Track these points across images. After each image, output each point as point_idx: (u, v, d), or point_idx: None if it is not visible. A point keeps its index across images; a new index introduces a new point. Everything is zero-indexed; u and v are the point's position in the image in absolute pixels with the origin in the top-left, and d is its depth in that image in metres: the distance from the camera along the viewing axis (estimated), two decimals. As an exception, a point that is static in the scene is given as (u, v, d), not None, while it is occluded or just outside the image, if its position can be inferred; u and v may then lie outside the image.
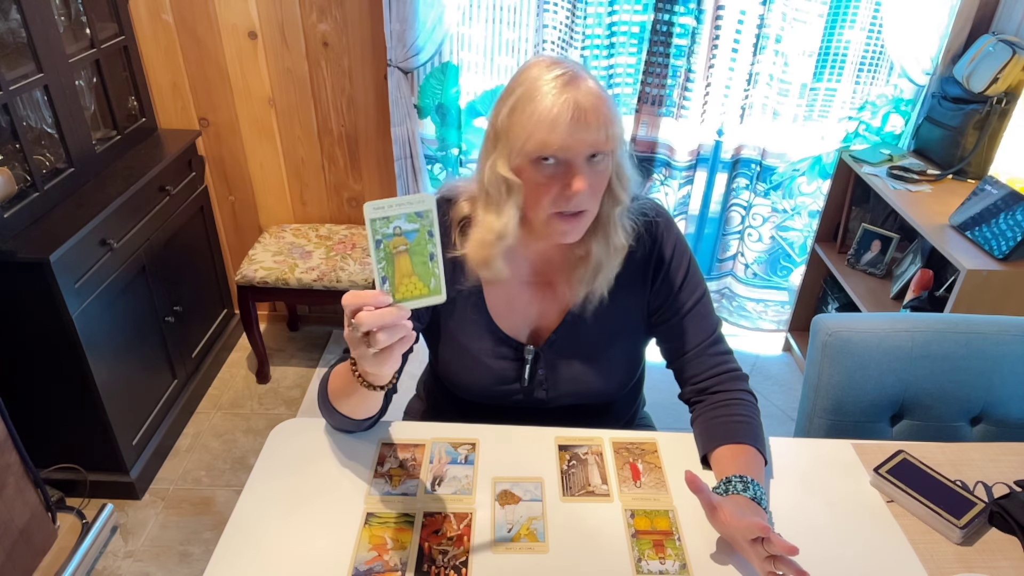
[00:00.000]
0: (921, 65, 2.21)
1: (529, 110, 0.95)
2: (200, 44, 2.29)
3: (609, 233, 1.06)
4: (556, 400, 1.18)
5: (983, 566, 0.93)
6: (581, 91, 0.95)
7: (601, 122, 0.95)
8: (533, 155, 0.96)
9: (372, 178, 2.53)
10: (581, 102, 0.94)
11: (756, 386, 2.54)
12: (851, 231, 2.45)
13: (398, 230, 0.79)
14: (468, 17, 2.21)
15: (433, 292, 0.81)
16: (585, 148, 0.95)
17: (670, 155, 2.43)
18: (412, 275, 0.80)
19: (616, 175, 1.03)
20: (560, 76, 0.96)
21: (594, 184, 0.99)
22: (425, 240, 0.79)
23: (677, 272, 1.14)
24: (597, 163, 0.98)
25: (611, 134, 0.97)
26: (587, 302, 1.11)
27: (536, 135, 0.95)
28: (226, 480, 2.15)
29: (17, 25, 1.71)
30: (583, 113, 0.94)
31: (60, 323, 1.71)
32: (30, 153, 1.75)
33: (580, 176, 0.96)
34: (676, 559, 0.92)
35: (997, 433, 1.27)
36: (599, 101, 0.95)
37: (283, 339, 2.81)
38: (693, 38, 2.21)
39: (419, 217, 0.79)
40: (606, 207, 1.05)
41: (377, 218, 0.78)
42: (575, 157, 0.96)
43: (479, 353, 1.16)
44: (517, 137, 0.97)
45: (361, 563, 0.91)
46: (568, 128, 0.93)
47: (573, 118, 0.93)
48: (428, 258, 0.80)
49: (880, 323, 1.27)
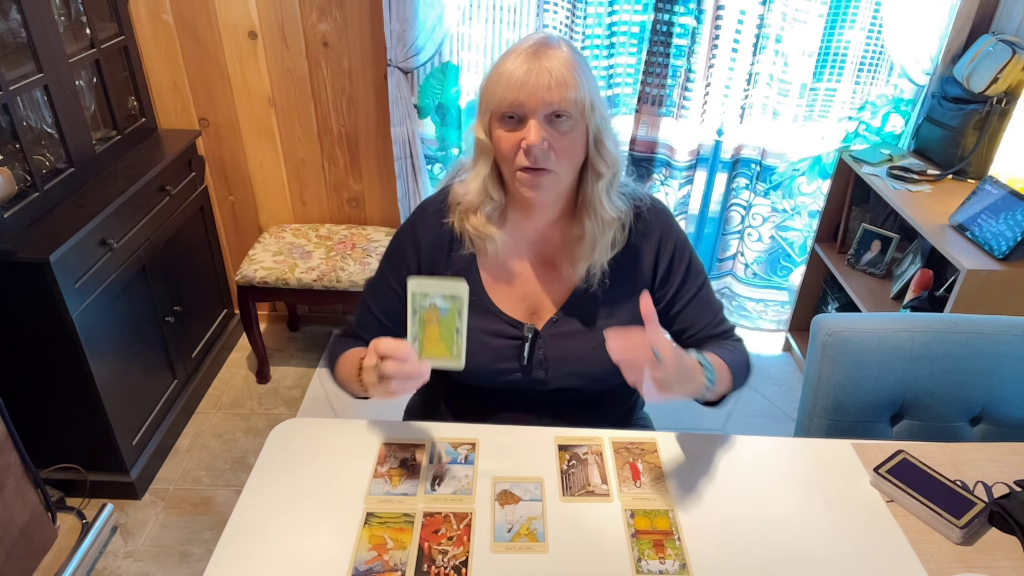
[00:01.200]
0: (921, 65, 2.21)
1: (496, 72, 1.03)
2: (200, 44, 2.29)
3: (597, 208, 1.10)
4: (554, 381, 1.18)
5: (983, 566, 0.93)
6: (548, 55, 1.00)
7: (562, 83, 0.99)
8: (497, 112, 1.03)
9: (372, 178, 2.53)
10: (545, 63, 0.99)
11: (756, 386, 2.56)
12: (851, 231, 2.45)
13: (433, 306, 0.94)
14: (468, 17, 2.21)
15: (454, 358, 0.96)
16: (541, 104, 1.00)
17: (670, 155, 2.43)
18: (439, 341, 0.95)
19: (594, 147, 1.06)
20: (533, 43, 1.02)
21: (557, 144, 1.02)
22: (454, 317, 0.94)
23: (680, 261, 1.18)
24: (560, 124, 1.02)
25: (576, 97, 1.00)
26: (590, 277, 1.14)
27: (497, 92, 1.02)
28: (226, 480, 2.15)
29: (17, 25, 1.71)
30: (544, 72, 0.99)
31: (60, 323, 1.71)
32: (30, 153, 1.75)
33: (535, 129, 1.00)
34: (676, 559, 0.92)
35: (997, 433, 1.27)
36: (564, 65, 1.00)
37: (283, 339, 2.81)
38: (693, 38, 2.21)
39: (453, 299, 0.94)
40: (589, 182, 1.09)
41: (418, 293, 0.93)
42: (531, 112, 1.00)
43: (477, 332, 1.16)
44: (486, 100, 1.05)
45: (361, 563, 0.91)
46: (525, 83, 0.99)
47: (531, 72, 0.99)
48: (455, 332, 0.95)
49: (880, 323, 1.27)
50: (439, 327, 0.95)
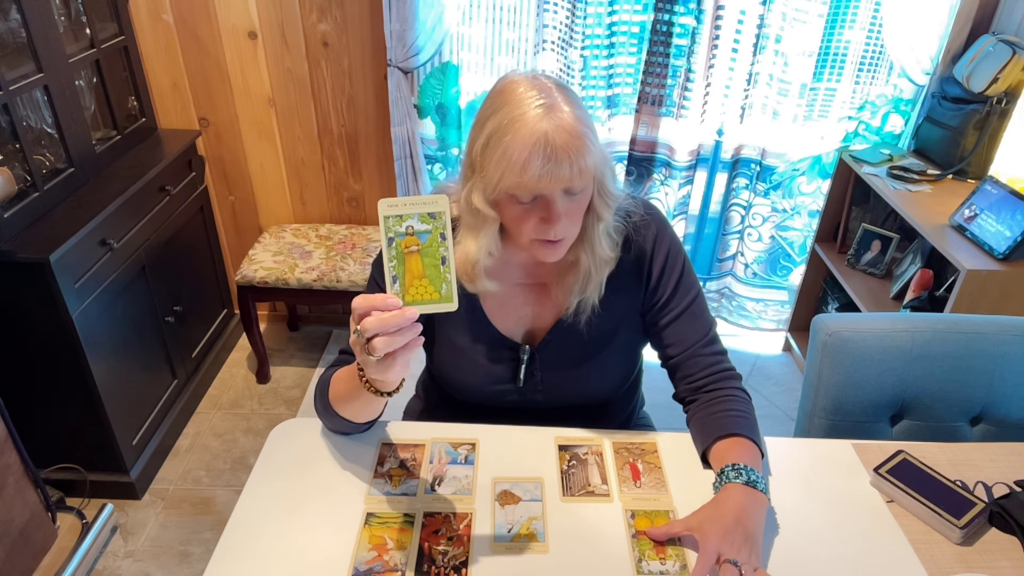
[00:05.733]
0: (921, 65, 2.21)
1: (501, 149, 0.93)
2: (200, 44, 2.29)
3: (594, 244, 1.07)
4: (552, 401, 1.18)
5: (983, 566, 0.93)
6: (554, 125, 0.92)
7: (574, 158, 0.92)
8: (507, 193, 0.96)
9: (372, 178, 2.53)
10: (553, 139, 0.91)
11: (756, 386, 2.56)
12: (851, 231, 2.45)
13: (410, 229, 0.79)
14: (468, 17, 2.21)
15: (444, 299, 0.80)
16: (558, 186, 0.95)
17: (670, 155, 2.43)
18: (423, 277, 0.80)
19: (598, 194, 1.03)
20: (534, 108, 0.92)
21: (572, 213, 0.99)
22: (437, 243, 0.79)
23: (671, 273, 1.14)
24: (574, 193, 0.98)
25: (586, 166, 0.94)
26: (580, 310, 1.11)
27: (508, 176, 0.93)
28: (226, 480, 2.15)
29: (17, 25, 1.71)
30: (555, 152, 0.91)
31: (60, 323, 1.71)
32: (30, 153, 1.75)
33: (556, 210, 0.96)
34: (676, 559, 0.92)
35: (997, 433, 1.27)
36: (572, 136, 0.92)
37: (283, 339, 2.81)
38: (693, 38, 2.21)
39: (432, 218, 0.79)
40: (589, 223, 1.05)
41: (390, 216, 0.78)
42: (550, 194, 0.95)
43: (473, 352, 1.16)
44: (491, 175, 0.95)
45: (361, 563, 0.91)
46: (540, 169, 0.91)
47: (545, 157, 0.91)
48: (440, 261, 0.79)
49: (880, 323, 1.27)
50: (421, 259, 0.79)
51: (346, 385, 0.99)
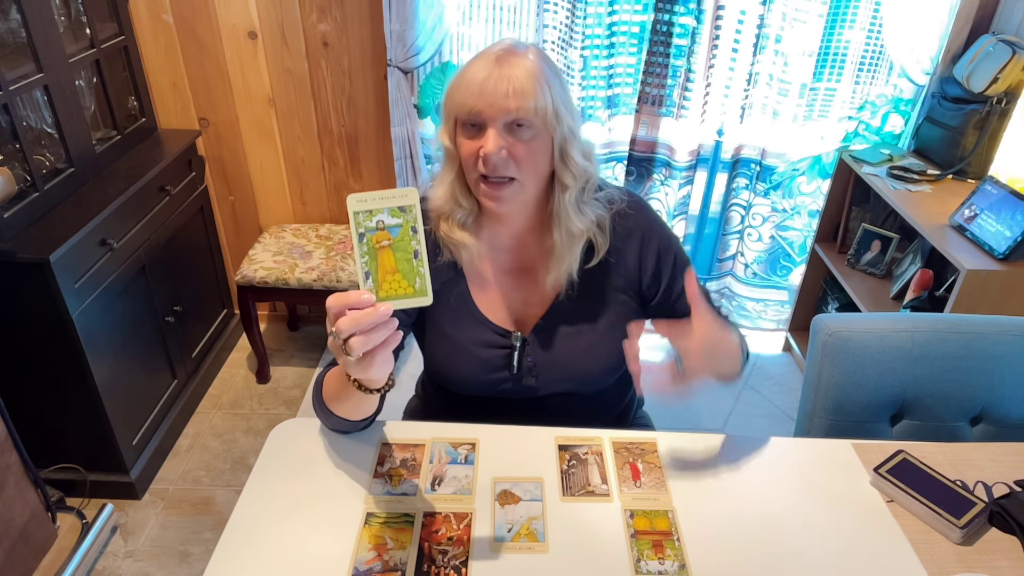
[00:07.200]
0: (921, 65, 2.21)
1: (459, 77, 1.02)
2: (200, 44, 2.29)
3: (564, 220, 1.08)
4: (547, 387, 1.18)
5: (983, 566, 0.93)
6: (511, 62, 0.98)
7: (521, 92, 0.97)
8: (459, 119, 1.02)
9: (372, 178, 2.53)
10: (506, 71, 0.98)
11: (756, 386, 2.56)
12: (851, 231, 2.45)
13: (381, 224, 0.77)
14: (468, 17, 2.21)
15: (419, 293, 0.78)
16: (500, 113, 0.98)
17: (670, 155, 2.43)
18: (396, 272, 0.78)
19: (560, 158, 1.05)
20: (499, 50, 1.01)
21: (516, 152, 1.01)
22: (409, 236, 0.78)
23: (667, 255, 1.16)
24: (521, 132, 1.00)
25: (536, 106, 0.98)
26: (560, 287, 1.13)
27: (457, 97, 1.00)
28: (226, 480, 2.15)
29: (17, 25, 1.71)
30: (503, 80, 0.97)
31: (60, 323, 1.72)
32: (30, 153, 1.75)
33: (492, 138, 0.99)
34: (675, 559, 0.92)
35: (997, 433, 1.27)
36: (526, 73, 0.98)
37: (283, 339, 2.81)
38: (693, 38, 2.21)
39: (403, 212, 0.77)
40: (556, 193, 1.08)
41: (360, 211, 0.76)
42: (490, 120, 0.99)
43: (466, 342, 1.16)
44: (449, 104, 1.03)
45: (361, 563, 0.91)
46: (483, 91, 0.97)
47: (490, 79, 0.97)
48: (412, 255, 0.78)
49: (880, 323, 1.27)
50: (393, 253, 0.78)
51: (337, 384, 0.99)
